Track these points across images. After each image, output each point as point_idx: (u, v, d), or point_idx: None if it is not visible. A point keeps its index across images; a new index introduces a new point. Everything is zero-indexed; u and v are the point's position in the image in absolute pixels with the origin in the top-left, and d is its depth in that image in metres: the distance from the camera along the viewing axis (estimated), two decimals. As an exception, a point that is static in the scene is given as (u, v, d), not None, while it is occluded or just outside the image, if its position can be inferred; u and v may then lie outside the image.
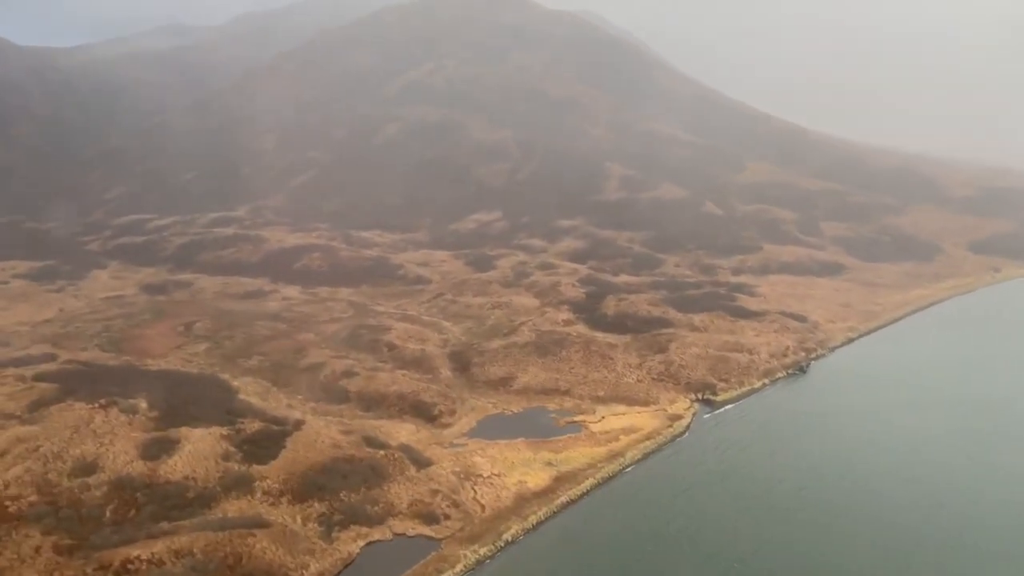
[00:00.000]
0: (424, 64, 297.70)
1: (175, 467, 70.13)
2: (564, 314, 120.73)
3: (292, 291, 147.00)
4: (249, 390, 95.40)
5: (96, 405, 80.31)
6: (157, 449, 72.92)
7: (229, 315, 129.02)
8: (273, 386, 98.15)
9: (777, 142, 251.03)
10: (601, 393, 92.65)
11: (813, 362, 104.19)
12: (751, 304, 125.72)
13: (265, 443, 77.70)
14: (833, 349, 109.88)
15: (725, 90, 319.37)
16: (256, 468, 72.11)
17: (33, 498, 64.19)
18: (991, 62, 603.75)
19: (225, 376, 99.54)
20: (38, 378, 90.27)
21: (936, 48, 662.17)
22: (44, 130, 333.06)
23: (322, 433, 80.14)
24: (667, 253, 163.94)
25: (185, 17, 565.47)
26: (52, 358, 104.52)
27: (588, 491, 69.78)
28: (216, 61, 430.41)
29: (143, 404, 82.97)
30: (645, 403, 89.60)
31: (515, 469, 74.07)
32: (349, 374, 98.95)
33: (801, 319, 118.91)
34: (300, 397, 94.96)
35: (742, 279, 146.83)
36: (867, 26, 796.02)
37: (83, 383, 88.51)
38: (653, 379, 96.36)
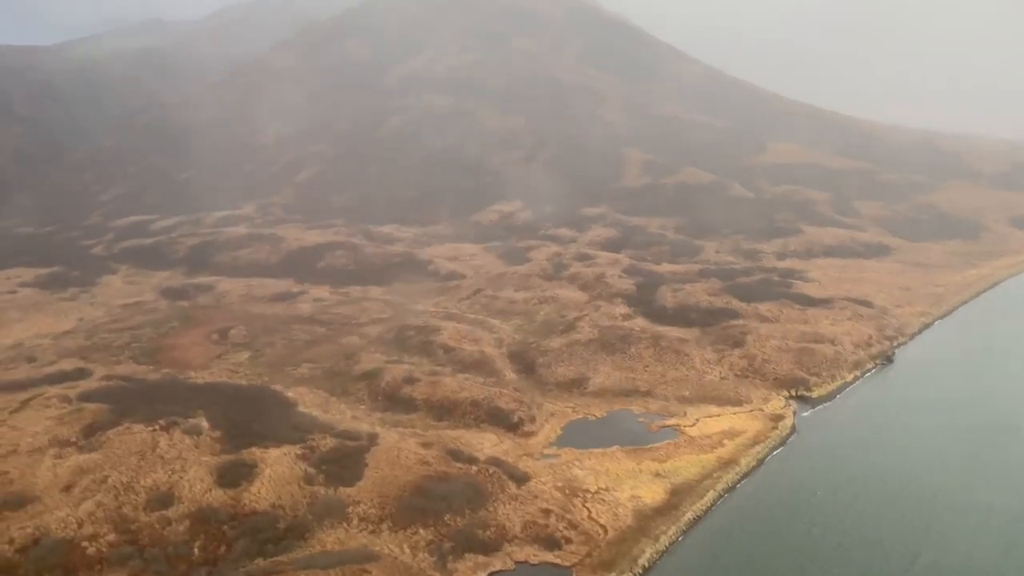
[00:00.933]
0: (423, 52, 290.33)
1: (259, 494, 64.08)
2: (620, 308, 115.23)
3: (322, 292, 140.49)
4: (307, 401, 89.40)
5: (156, 427, 74.18)
6: (234, 474, 66.85)
7: (262, 320, 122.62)
8: (331, 396, 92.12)
9: (793, 121, 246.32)
10: (686, 393, 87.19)
11: (896, 350, 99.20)
12: (810, 290, 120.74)
13: (344, 461, 71.77)
14: (912, 336, 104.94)
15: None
16: (343, 491, 66.20)
17: (111, 537, 58.02)
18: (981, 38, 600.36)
19: (277, 387, 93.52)
20: (83, 398, 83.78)
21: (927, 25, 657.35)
22: (28, 131, 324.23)
23: (402, 447, 74.35)
24: (704, 239, 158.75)
25: (161, 13, 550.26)
26: (87, 374, 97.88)
27: (712, 505, 64.17)
28: (200, 56, 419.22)
29: (204, 423, 76.87)
30: (737, 403, 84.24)
31: (623, 482, 68.50)
32: (410, 380, 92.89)
33: (867, 305, 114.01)
34: (363, 407, 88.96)
35: (789, 264, 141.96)
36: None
37: (133, 402, 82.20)
38: (737, 376, 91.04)
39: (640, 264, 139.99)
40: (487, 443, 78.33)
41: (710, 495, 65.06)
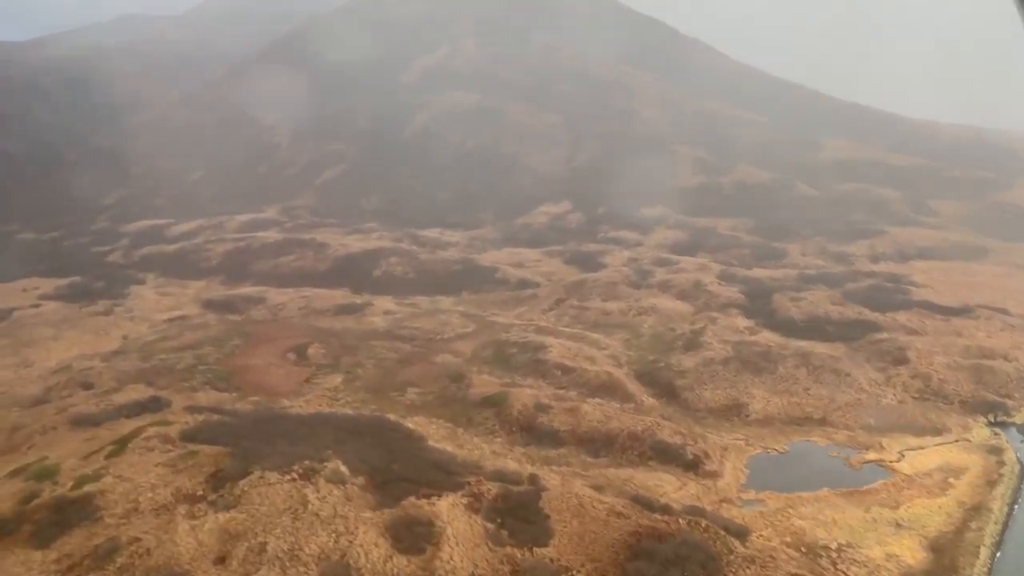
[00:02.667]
0: (439, 47, 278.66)
1: (451, 562, 53.00)
2: (740, 320, 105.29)
3: (386, 303, 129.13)
4: (434, 434, 78.42)
5: (294, 475, 62.40)
6: (410, 536, 55.56)
7: (334, 336, 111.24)
8: (456, 427, 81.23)
9: (840, 118, 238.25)
10: (871, 421, 77.21)
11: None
12: (934, 297, 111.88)
13: (520, 512, 60.80)
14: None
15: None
16: (541, 552, 55.43)
17: (296, 629, 46.65)
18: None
19: (391, 416, 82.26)
20: (187, 437, 71.34)
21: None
22: (12, 130, 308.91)
23: (578, 494, 63.49)
24: (783, 241, 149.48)
25: (135, 8, 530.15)
26: (164, 404, 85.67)
27: (991, 566, 54.12)
28: (189, 52, 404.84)
29: (343, 468, 65.32)
30: (935, 431, 74.47)
31: (863, 536, 58.24)
32: (543, 408, 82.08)
33: (1005, 312, 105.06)
34: (499, 441, 78.09)
35: (887, 267, 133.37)
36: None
37: (248, 441, 70.06)
38: (915, 399, 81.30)
39: (731, 269, 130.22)
40: (668, 486, 67.88)
41: (984, 553, 55.00)
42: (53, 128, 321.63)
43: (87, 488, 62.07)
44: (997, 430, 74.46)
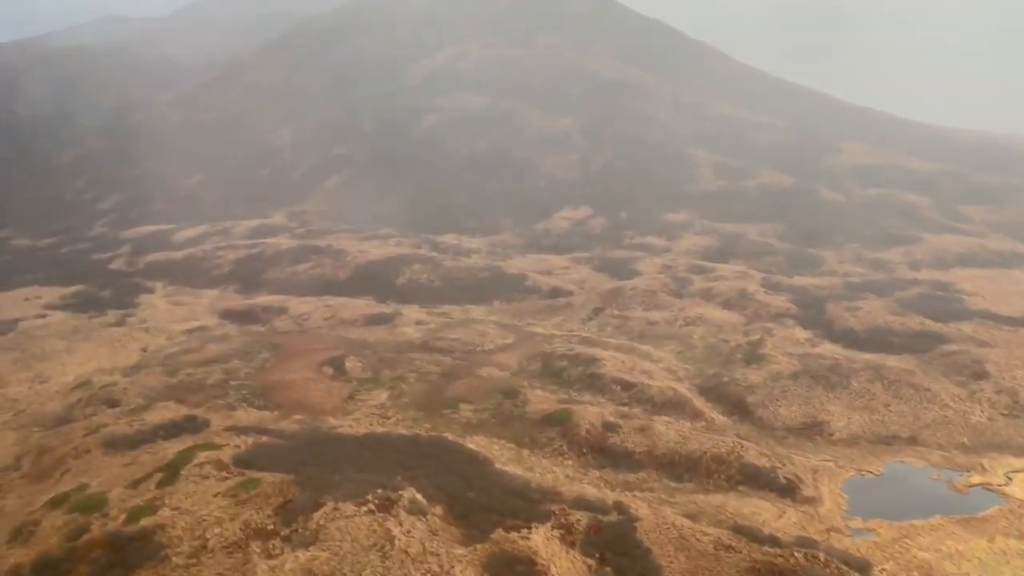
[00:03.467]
0: (443, 49, 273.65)
1: (564, 608, 47.99)
2: (798, 331, 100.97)
3: (415, 313, 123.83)
4: (499, 456, 73.37)
5: (371, 506, 57.20)
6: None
7: (368, 348, 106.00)
8: (520, 448, 76.22)
9: (853, 121, 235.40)
10: (964, 440, 73.04)
11: None
12: (991, 306, 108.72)
13: (617, 545, 56.08)
14: None
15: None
16: (652, 593, 50.52)
17: None
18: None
19: (449, 436, 77.13)
20: (243, 463, 65.77)
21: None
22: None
23: (677, 524, 58.87)
24: (817, 248, 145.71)
25: (119, 9, 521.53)
26: (203, 424, 79.97)
27: None
28: (180, 53, 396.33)
29: (419, 496, 60.20)
30: (1036, 451, 70.35)
31: (995, 571, 53.97)
32: (610, 427, 77.36)
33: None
34: (570, 463, 73.21)
35: (928, 274, 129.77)
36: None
37: (310, 467, 64.73)
38: (1004, 415, 77.28)
39: (773, 277, 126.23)
40: (766, 514, 63.16)
41: None
42: (40, 132, 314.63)
43: (144, 522, 56.74)
44: (1102, 450, 70.47)
